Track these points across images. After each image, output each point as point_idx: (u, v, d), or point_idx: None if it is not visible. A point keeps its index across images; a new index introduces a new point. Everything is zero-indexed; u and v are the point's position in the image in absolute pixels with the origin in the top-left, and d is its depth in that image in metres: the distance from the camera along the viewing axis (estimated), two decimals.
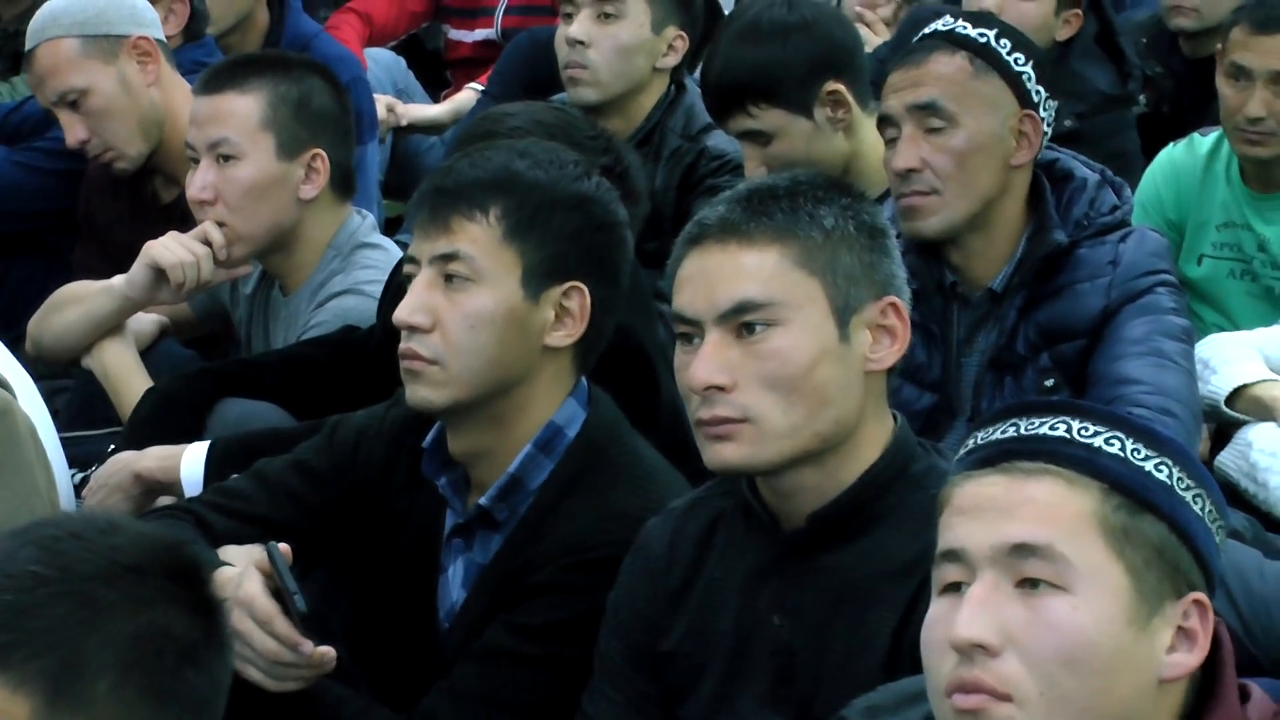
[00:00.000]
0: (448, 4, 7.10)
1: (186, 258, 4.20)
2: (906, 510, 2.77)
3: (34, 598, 2.05)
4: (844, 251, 2.83)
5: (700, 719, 2.95)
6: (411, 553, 3.30)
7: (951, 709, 2.18)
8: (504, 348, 3.13)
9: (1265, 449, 4.05)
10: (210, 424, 3.89)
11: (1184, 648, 2.20)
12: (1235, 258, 5.16)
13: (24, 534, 2.13)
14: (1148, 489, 2.21)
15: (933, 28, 4.01)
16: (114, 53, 4.89)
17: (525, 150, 3.28)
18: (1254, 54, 5.01)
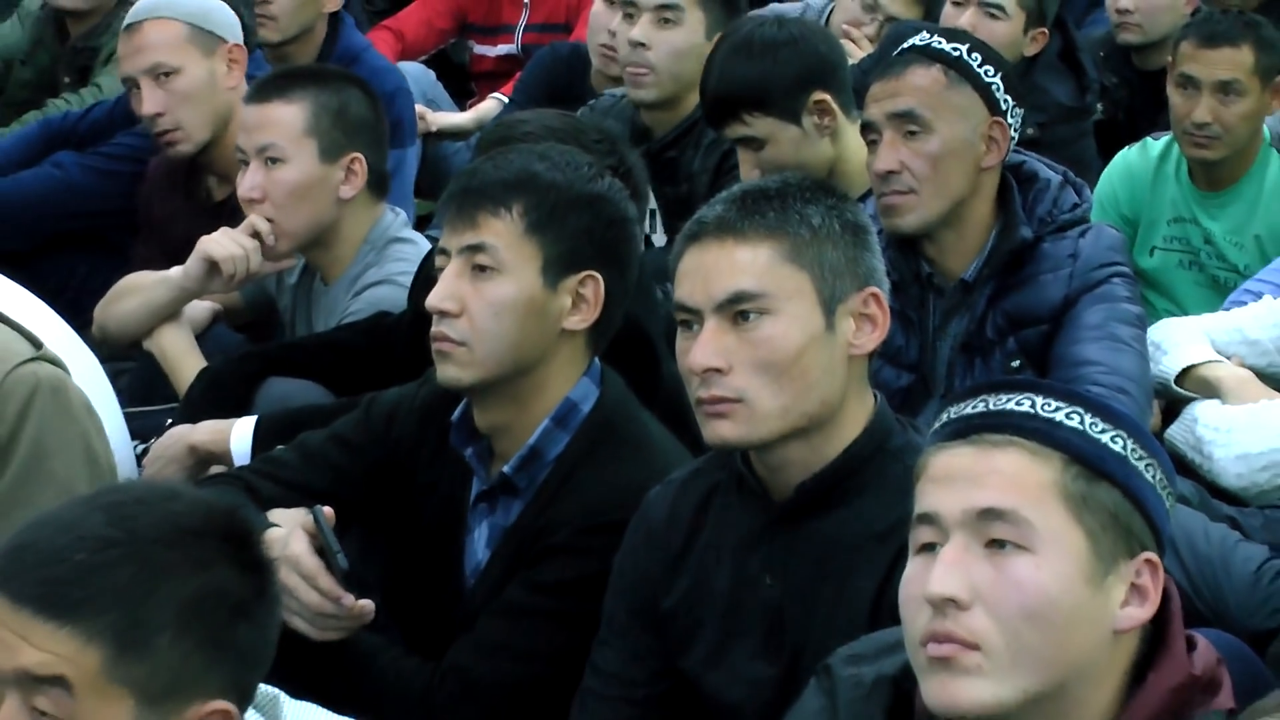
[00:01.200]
0: (472, 22, 7.10)
1: (237, 251, 4.21)
2: (885, 481, 2.77)
3: (103, 558, 2.05)
4: (830, 247, 2.83)
5: (698, 670, 2.95)
6: (440, 516, 3.30)
7: (926, 658, 2.18)
8: (525, 331, 3.13)
9: (1209, 424, 4.04)
10: (257, 401, 3.89)
11: (1136, 603, 2.21)
12: (1184, 250, 5.16)
13: (93, 500, 2.15)
14: (1104, 459, 2.21)
15: (910, 42, 4.01)
16: (211, 49, 4.90)
17: (544, 153, 3.28)
18: (1200, 65, 5.01)
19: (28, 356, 3.18)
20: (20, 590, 2.05)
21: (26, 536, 2.11)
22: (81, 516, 2.10)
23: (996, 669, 2.15)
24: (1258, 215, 5.07)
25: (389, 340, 3.93)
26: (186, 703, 2.09)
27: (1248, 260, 5.01)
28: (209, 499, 2.20)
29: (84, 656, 2.04)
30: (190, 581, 2.09)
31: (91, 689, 2.04)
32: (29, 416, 3.11)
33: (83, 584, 2.05)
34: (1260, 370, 4.25)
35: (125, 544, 2.07)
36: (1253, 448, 3.95)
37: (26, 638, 2.03)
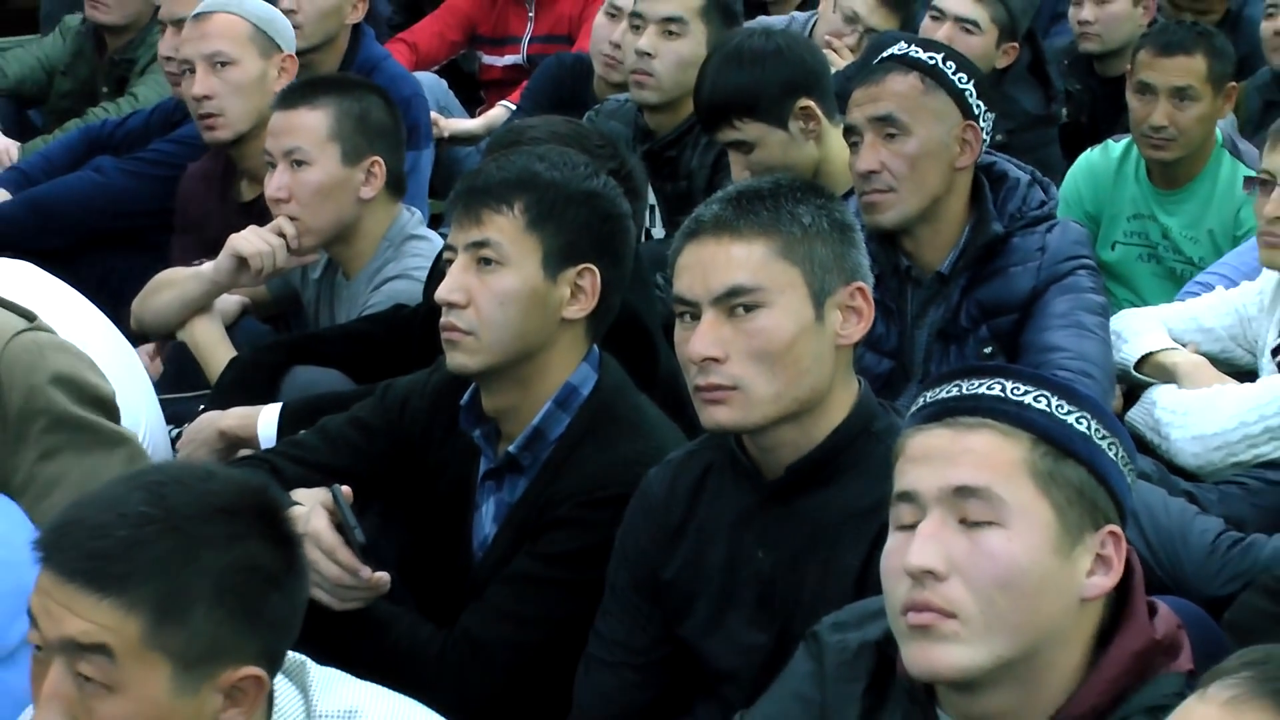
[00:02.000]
0: (481, 34, 7.09)
1: (264, 248, 4.21)
2: (869, 461, 2.76)
3: (143, 534, 2.06)
4: (819, 244, 2.82)
5: (696, 636, 2.95)
6: (450, 493, 3.30)
7: (906, 625, 2.18)
8: (527, 320, 3.12)
9: (1166, 406, 4.04)
10: (282, 388, 3.89)
11: (1101, 572, 2.20)
12: (1143, 244, 5.17)
13: (134, 480, 2.16)
14: (1070, 438, 2.21)
15: (890, 52, 4.00)
16: (268, 53, 4.90)
17: (544, 154, 3.27)
18: (1157, 73, 5.02)
19: (21, 328, 3.17)
20: (66, 564, 2.06)
21: (72, 514, 2.12)
22: (123, 495, 2.11)
23: (972, 635, 2.15)
24: (1211, 211, 5.07)
25: (406, 331, 3.92)
26: (220, 668, 2.10)
27: (1202, 253, 5.01)
28: (241, 478, 2.21)
29: (125, 626, 2.05)
30: (224, 555, 2.10)
31: (132, 655, 2.05)
32: (33, 372, 3.11)
33: (124, 558, 2.06)
34: (1214, 356, 4.25)
35: (163, 520, 2.08)
36: (1207, 429, 3.94)
37: (72, 608, 2.05)
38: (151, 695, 2.07)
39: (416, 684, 2.58)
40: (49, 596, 2.07)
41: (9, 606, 2.51)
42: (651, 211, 4.86)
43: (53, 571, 2.07)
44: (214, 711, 2.12)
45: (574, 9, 6.91)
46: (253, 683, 2.13)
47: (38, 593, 2.08)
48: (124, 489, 2.13)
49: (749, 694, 2.58)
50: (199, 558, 2.08)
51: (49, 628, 2.07)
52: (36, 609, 2.08)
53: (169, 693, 2.08)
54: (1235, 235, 4.93)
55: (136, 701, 2.06)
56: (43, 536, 2.11)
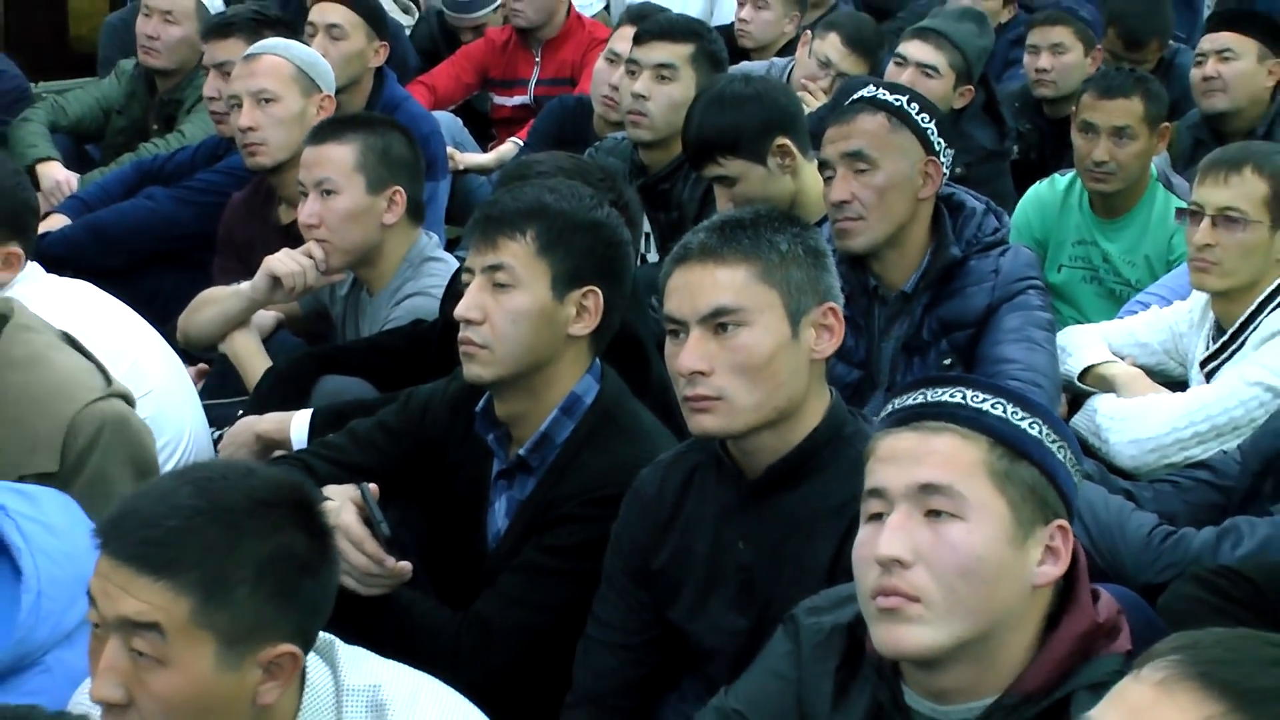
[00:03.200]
0: (493, 77, 7.10)
1: (296, 268, 4.20)
2: (840, 463, 2.76)
3: (192, 524, 2.08)
4: (795, 268, 2.82)
5: (683, 620, 2.95)
6: (466, 491, 3.29)
7: (875, 609, 2.19)
8: (537, 336, 3.12)
9: (1107, 413, 4.05)
10: (313, 395, 3.88)
11: (1050, 561, 2.21)
12: (1086, 267, 5.17)
13: (183, 475, 2.18)
14: (1023, 441, 2.21)
15: (859, 94, 4.00)
16: (310, 93, 4.88)
17: (553, 187, 3.27)
18: (1099, 113, 5.02)
19: (98, 395, 3.15)
20: (122, 550, 2.07)
21: (128, 506, 2.13)
22: (173, 489, 2.13)
23: (934, 618, 2.15)
24: (1147, 238, 5.07)
25: (424, 343, 3.91)
26: (260, 645, 2.11)
27: (1139, 276, 5.01)
28: (279, 475, 2.22)
29: (175, 606, 2.06)
30: (265, 543, 2.11)
31: (181, 633, 2.06)
32: (93, 453, 3.09)
33: (174, 545, 2.07)
34: (1149, 368, 4.26)
35: (210, 512, 2.09)
36: (1142, 434, 3.95)
37: (128, 590, 2.06)
38: (198, 669, 2.07)
39: (434, 662, 2.58)
40: (107, 579, 2.08)
41: (68, 593, 2.50)
42: (646, 239, 4.87)
43: (111, 556, 2.09)
44: (253, 684, 2.12)
45: (576, 55, 6.92)
46: (289, 659, 2.13)
47: (97, 576, 2.09)
48: (175, 483, 2.15)
49: (731, 671, 2.58)
50: (242, 546, 2.09)
51: (107, 607, 2.08)
52: (96, 590, 2.09)
53: (214, 667, 2.08)
54: (1169, 260, 4.93)
55: (184, 674, 2.07)
56: (102, 525, 2.12)
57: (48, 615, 2.47)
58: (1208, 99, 5.89)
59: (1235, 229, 3.98)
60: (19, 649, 2.44)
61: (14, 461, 3.02)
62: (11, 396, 3.07)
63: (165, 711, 2.08)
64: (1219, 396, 3.91)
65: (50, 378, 3.13)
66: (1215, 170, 4.05)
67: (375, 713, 2.22)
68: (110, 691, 2.07)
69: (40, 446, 3.05)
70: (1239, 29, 5.92)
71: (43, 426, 3.06)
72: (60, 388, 3.12)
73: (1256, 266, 4.00)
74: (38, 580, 2.47)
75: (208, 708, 2.10)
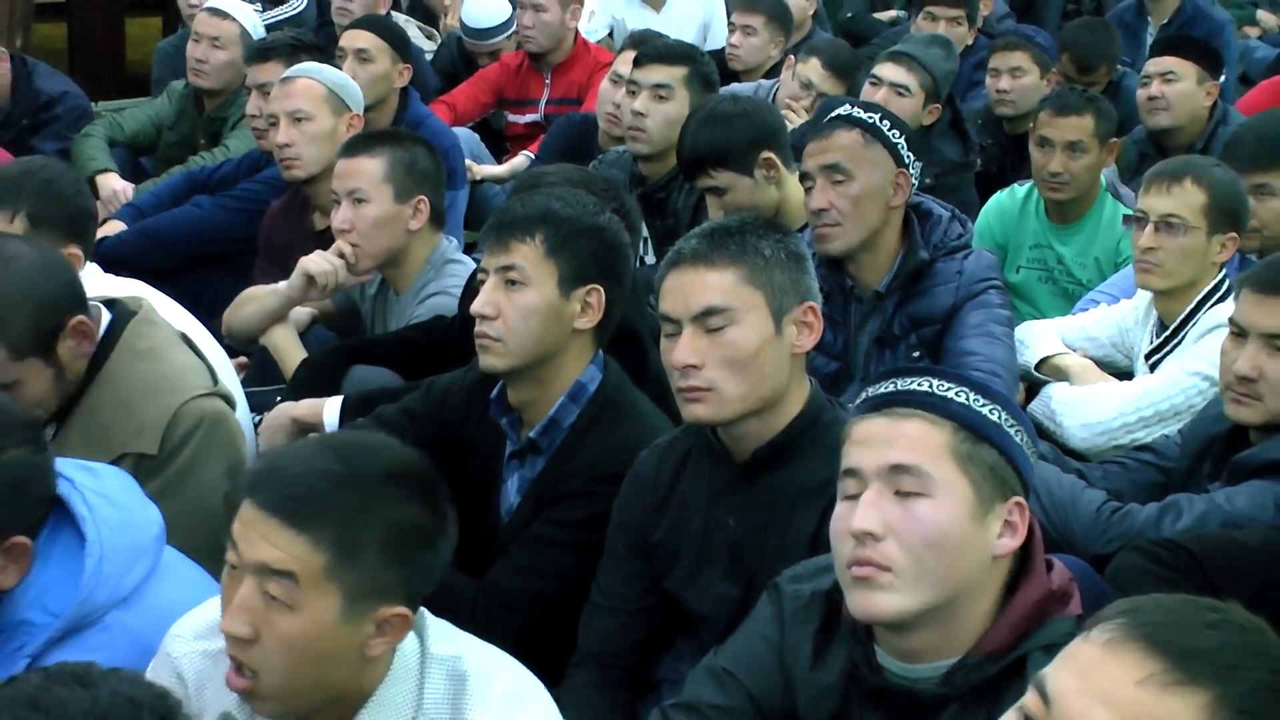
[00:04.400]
0: (507, 97, 7.08)
1: (329, 268, 4.20)
2: (819, 447, 2.76)
3: (334, 486, 2.09)
4: (778, 271, 2.82)
5: (678, 588, 2.95)
6: (482, 469, 3.29)
7: (850, 577, 2.19)
8: (545, 330, 3.11)
9: (1060, 401, 4.05)
10: (344, 384, 3.87)
11: (1009, 534, 2.21)
12: (1042, 269, 5.17)
13: (327, 441, 2.20)
14: (984, 426, 2.21)
15: (837, 112, 4.00)
16: (340, 112, 4.86)
17: (560, 195, 3.27)
18: (1054, 130, 5.02)
19: (202, 392, 3.14)
20: (269, 501, 2.08)
21: (275, 462, 2.15)
22: (318, 453, 2.14)
23: (904, 586, 2.16)
24: (1097, 243, 5.08)
25: (444, 337, 3.91)
26: (378, 605, 2.11)
27: (1090, 276, 5.02)
28: (410, 452, 2.21)
29: (311, 558, 2.06)
30: (393, 512, 2.11)
31: (313, 583, 2.07)
32: (189, 443, 3.08)
33: (317, 503, 2.08)
34: (1099, 360, 4.26)
35: (350, 478, 2.10)
36: (1092, 419, 3.95)
37: (269, 538, 2.07)
38: (322, 618, 2.08)
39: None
40: (250, 526, 2.09)
41: (126, 559, 2.50)
42: (645, 243, 4.85)
43: (257, 506, 2.09)
44: (365, 638, 2.12)
45: (583, 77, 6.91)
46: (400, 619, 2.13)
47: (240, 522, 2.10)
48: (319, 449, 2.16)
49: (721, 634, 2.58)
50: (374, 511, 2.10)
51: (247, 551, 2.08)
52: (238, 534, 2.10)
53: (336, 618, 2.09)
54: (1116, 262, 4.93)
55: (309, 621, 2.07)
56: (250, 477, 2.13)
57: (108, 578, 2.46)
58: (1152, 117, 5.90)
59: (1176, 234, 3.98)
60: (81, 609, 2.44)
61: (121, 441, 3.02)
62: (129, 383, 3.08)
63: (286, 651, 2.08)
64: (1161, 385, 3.91)
65: (163, 370, 3.13)
66: (1159, 181, 4.05)
67: (455, 681, 2.20)
68: (239, 627, 2.08)
69: (146, 431, 3.05)
70: (1180, 54, 5.94)
71: (150, 413, 3.06)
72: (170, 380, 3.12)
73: (1195, 268, 4.00)
74: (100, 546, 2.46)
75: (323, 653, 2.10)
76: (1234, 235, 4.02)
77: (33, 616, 2.43)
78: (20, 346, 2.90)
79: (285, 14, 7.48)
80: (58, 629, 2.42)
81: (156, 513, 2.63)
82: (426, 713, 2.18)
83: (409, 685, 2.18)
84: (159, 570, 2.56)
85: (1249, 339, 3.27)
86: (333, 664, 2.11)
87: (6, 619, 2.43)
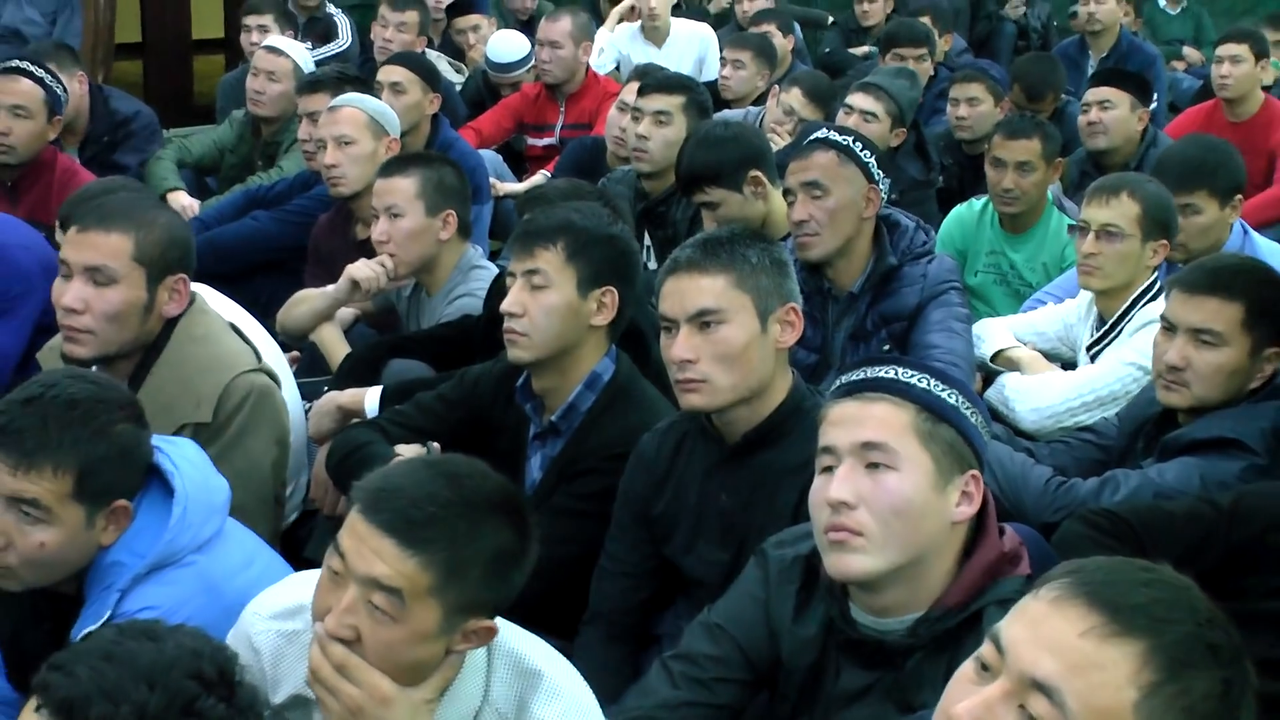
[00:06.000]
0: (526, 123, 7.08)
1: (371, 274, 4.20)
2: (800, 430, 2.75)
3: (447, 513, 2.01)
4: (763, 276, 2.82)
5: (676, 554, 2.96)
6: (508, 449, 3.28)
7: (827, 541, 2.20)
8: (566, 326, 3.12)
9: (1012, 388, 4.04)
10: (384, 375, 3.87)
11: (965, 503, 2.21)
12: (996, 273, 5.16)
13: (438, 468, 2.09)
14: (943, 408, 2.21)
15: (815, 135, 4.01)
16: (380, 136, 4.85)
17: (578, 208, 3.29)
18: (1006, 151, 5.02)
19: (250, 367, 3.19)
20: (384, 521, 2.00)
21: (392, 483, 2.05)
22: (431, 479, 2.05)
23: (874, 548, 2.16)
24: (1044, 249, 5.08)
25: (471, 333, 3.91)
26: (472, 619, 2.05)
27: (1038, 279, 5.01)
28: (506, 483, 2.12)
29: (419, 577, 1.99)
30: (497, 537, 2.04)
31: (417, 599, 1.99)
32: (240, 412, 3.12)
33: (430, 528, 2.00)
34: (1046, 352, 4.26)
35: (460, 505, 2.03)
36: (1041, 404, 3.95)
37: (381, 555, 1.99)
38: (420, 630, 2.01)
39: None
40: (364, 542, 2.00)
41: (203, 512, 2.53)
42: (647, 251, 4.86)
43: (372, 524, 2.00)
44: (454, 644, 2.06)
45: (593, 105, 6.91)
46: (486, 630, 2.08)
47: (352, 535, 2.02)
48: (432, 474, 2.06)
49: (714, 594, 2.57)
50: (480, 537, 2.03)
51: (358, 564, 2.00)
52: (348, 547, 2.02)
53: (434, 631, 2.02)
54: (1061, 266, 4.92)
55: (408, 632, 2.01)
56: (365, 493, 2.04)
57: (189, 526, 2.49)
58: (1091, 139, 5.90)
59: (1114, 241, 3.98)
60: (167, 549, 2.46)
61: (183, 413, 3.05)
62: (186, 363, 3.12)
63: (383, 656, 2.01)
64: (1101, 374, 3.91)
65: (216, 351, 3.18)
66: (1098, 195, 4.05)
67: (521, 677, 2.15)
68: (343, 631, 2.01)
69: (203, 403, 3.09)
70: (1116, 84, 5.94)
71: (206, 388, 3.11)
72: (222, 359, 3.17)
73: (1131, 271, 4.01)
74: (185, 497, 2.49)
75: (417, 659, 2.03)
76: (1164, 242, 4.03)
77: (123, 558, 2.45)
78: (154, 270, 3.06)
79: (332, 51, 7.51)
80: (144, 566, 2.44)
81: (224, 483, 2.66)
82: (493, 703, 2.13)
83: (477, 680, 2.13)
84: (224, 530, 2.59)
85: (1178, 333, 3.28)
86: (424, 668, 2.05)
87: (102, 561, 2.46)
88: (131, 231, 3.03)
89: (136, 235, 3.03)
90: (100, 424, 2.42)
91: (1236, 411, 3.24)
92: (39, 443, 2.36)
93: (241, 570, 2.50)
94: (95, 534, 2.44)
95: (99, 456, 2.40)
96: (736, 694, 2.40)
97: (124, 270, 3.03)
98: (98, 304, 3.02)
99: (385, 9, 7.28)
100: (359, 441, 3.25)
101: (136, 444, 2.49)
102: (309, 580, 2.16)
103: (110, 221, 3.04)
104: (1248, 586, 2.71)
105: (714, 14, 9.68)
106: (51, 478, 2.37)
